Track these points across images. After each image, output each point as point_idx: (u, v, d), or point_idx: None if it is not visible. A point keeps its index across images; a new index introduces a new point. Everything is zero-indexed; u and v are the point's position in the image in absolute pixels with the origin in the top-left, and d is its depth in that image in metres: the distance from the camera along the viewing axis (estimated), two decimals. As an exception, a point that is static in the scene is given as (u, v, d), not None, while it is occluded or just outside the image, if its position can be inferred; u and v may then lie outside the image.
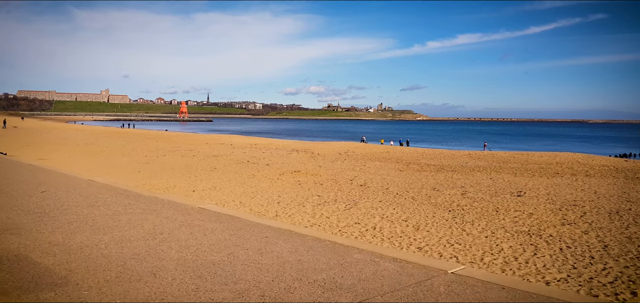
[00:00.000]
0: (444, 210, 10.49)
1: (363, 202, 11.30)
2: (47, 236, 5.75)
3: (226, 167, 18.83)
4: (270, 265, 5.02)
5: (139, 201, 8.29)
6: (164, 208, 7.65)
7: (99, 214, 7.06)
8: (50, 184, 9.67)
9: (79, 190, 9.06)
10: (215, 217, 7.06)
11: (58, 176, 11.13)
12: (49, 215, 6.84)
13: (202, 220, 6.86)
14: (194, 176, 15.75)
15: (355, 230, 8.55)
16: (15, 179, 10.37)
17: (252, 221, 7.06)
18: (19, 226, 6.20)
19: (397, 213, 10.06)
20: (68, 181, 10.31)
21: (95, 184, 9.95)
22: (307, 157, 24.05)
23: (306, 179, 15.26)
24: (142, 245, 5.58)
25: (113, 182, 10.92)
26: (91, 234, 5.91)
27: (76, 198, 8.21)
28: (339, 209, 10.46)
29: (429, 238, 8.02)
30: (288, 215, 9.83)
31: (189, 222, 6.77)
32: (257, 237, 6.13)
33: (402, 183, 14.55)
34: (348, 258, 5.36)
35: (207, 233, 6.16)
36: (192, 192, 12.61)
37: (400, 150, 30.21)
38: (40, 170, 12.23)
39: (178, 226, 6.47)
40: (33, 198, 8.10)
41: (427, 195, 12.34)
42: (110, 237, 5.83)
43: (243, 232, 6.32)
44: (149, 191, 10.17)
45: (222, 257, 5.28)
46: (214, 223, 6.67)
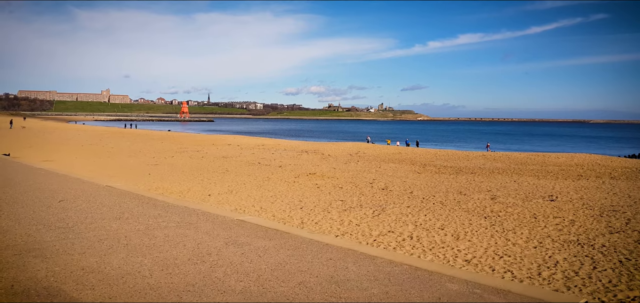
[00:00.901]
0: (478, 216, 9.89)
1: (390, 207, 10.70)
2: (77, 259, 4.96)
3: (238, 169, 18.23)
4: (357, 300, 4.24)
5: (169, 212, 7.53)
6: (199, 220, 6.89)
7: (130, 229, 6.30)
8: (67, 192, 9.02)
9: (100, 199, 8.39)
10: (261, 233, 6.26)
11: (73, 182, 10.45)
12: (74, 230, 6.12)
13: (248, 236, 6.08)
14: (206, 179, 15.14)
15: (391, 239, 7.94)
16: (27, 185, 9.72)
17: (304, 237, 6.22)
18: (43, 246, 5.47)
19: (430, 220, 9.46)
20: (85, 188, 9.63)
21: (116, 191, 9.25)
22: (318, 158, 23.45)
23: (324, 182, 14.66)
24: (192, 271, 4.71)
25: (134, 189, 10.23)
26: (128, 256, 5.11)
27: (99, 209, 7.51)
28: (367, 215, 9.86)
29: (473, 249, 7.42)
30: (314, 222, 9.23)
31: (234, 238, 5.97)
32: (319, 258, 5.27)
33: (424, 187, 13.94)
34: (441, 289, 4.55)
35: (260, 253, 5.34)
36: (208, 197, 12.02)
37: (412, 151, 29.60)
38: (52, 175, 11.56)
39: (224, 244, 5.68)
40: (52, 209, 7.42)
41: (456, 200, 11.73)
42: (151, 260, 5.00)
43: (300, 252, 5.46)
44: (174, 198, 9.46)
45: (292, 288, 4.46)
46: (263, 240, 5.89)
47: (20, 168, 12.88)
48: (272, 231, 6.33)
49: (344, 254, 5.36)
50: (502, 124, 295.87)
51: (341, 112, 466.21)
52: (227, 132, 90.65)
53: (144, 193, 9.55)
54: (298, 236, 6.10)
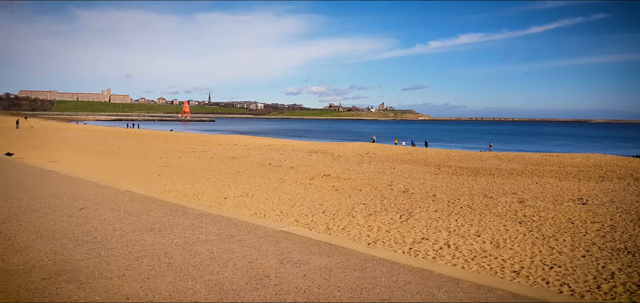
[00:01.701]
0: (512, 221, 9.40)
1: (417, 212, 10.21)
2: (118, 285, 4.14)
3: (249, 170, 17.75)
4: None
5: (204, 221, 6.74)
6: (240, 232, 6.16)
7: (167, 244, 5.53)
8: (86, 198, 8.37)
9: (123, 206, 7.73)
10: (314, 247, 5.41)
11: (89, 186, 9.77)
12: (105, 245, 5.38)
13: (301, 253, 5.24)
14: (219, 180, 14.66)
15: (427, 248, 7.46)
16: (41, 191, 9.07)
17: (364, 253, 5.31)
18: (74, 266, 4.61)
19: (462, 226, 8.97)
20: (104, 193, 8.99)
21: (138, 197, 8.54)
22: (328, 159, 22.96)
23: (341, 184, 14.17)
24: (257, 299, 3.95)
25: (156, 194, 9.63)
26: (176, 279, 4.32)
27: (126, 219, 6.82)
28: (394, 220, 9.38)
29: (519, 259, 6.92)
30: (340, 227, 8.75)
31: (286, 255, 5.13)
32: (397, 283, 4.35)
33: (446, 189, 13.46)
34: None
35: (325, 275, 4.54)
36: (224, 200, 11.55)
37: (422, 151, 29.10)
38: (65, 178, 10.92)
39: (278, 263, 4.85)
40: (73, 218, 6.73)
41: (483, 204, 11.24)
42: (204, 284, 4.22)
43: (370, 273, 4.59)
44: (204, 205, 8.76)
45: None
46: (320, 258, 5.06)
47: (29, 171, 12.31)
48: (325, 245, 5.53)
49: (421, 277, 4.40)
50: (503, 124, 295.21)
51: (342, 111, 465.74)
52: (229, 132, 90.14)
53: (168, 199, 8.80)
54: (356, 252, 5.24)
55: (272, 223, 7.27)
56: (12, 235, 5.77)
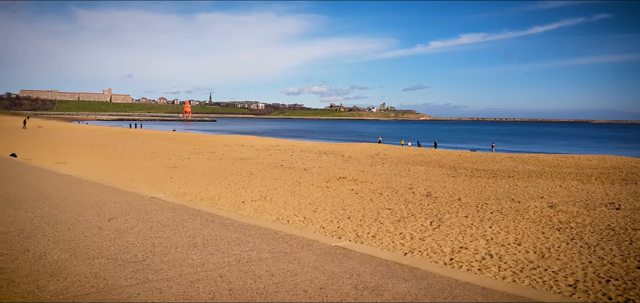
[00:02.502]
0: (549, 228, 8.94)
1: (447, 218, 9.75)
2: None
3: (261, 172, 17.29)
4: None
5: (248, 234, 6.09)
6: (293, 247, 5.52)
7: (218, 263, 4.86)
8: (111, 206, 7.82)
9: (154, 216, 7.11)
10: (384, 268, 4.65)
11: (111, 192, 9.17)
12: (150, 266, 4.75)
13: (372, 275, 4.54)
14: (233, 183, 14.21)
15: (469, 258, 7.00)
16: (61, 198, 8.53)
17: (439, 274, 4.69)
18: (123, 295, 3.96)
19: (499, 233, 8.51)
20: (128, 200, 8.39)
21: (167, 206, 7.97)
22: (340, 160, 22.50)
23: (360, 187, 13.71)
24: None
25: (186, 202, 8.96)
26: None
27: (162, 232, 6.14)
28: (425, 227, 8.93)
29: (570, 271, 6.46)
30: (370, 235, 8.30)
31: (357, 278, 4.44)
32: None
33: (470, 193, 13.00)
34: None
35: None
36: (242, 204, 11.10)
37: (433, 152, 28.63)
38: (83, 183, 10.29)
39: (354, 289, 4.18)
40: (105, 232, 6.13)
41: (513, 209, 10.78)
42: None
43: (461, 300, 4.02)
44: (239, 215, 8.16)
45: None
46: (398, 282, 4.39)
47: (44, 175, 11.77)
48: (395, 265, 4.84)
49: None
50: (505, 124, 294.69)
51: (343, 112, 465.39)
52: (231, 132, 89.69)
53: (199, 207, 8.19)
54: (433, 274, 4.69)
55: (322, 237, 6.49)
56: (42, 253, 5.16)
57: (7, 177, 11.19)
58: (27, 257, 5.00)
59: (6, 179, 10.89)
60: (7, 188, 9.65)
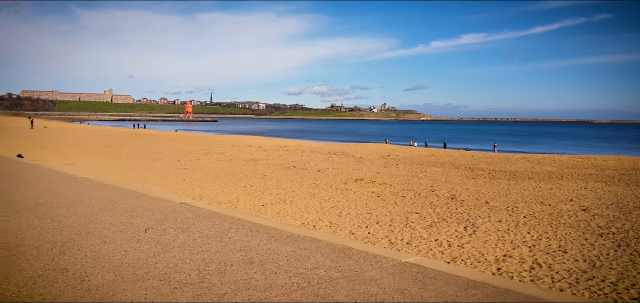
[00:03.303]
0: (591, 233, 8.49)
1: (480, 222, 9.31)
2: None
3: (275, 173, 16.86)
4: None
5: (304, 248, 5.58)
6: (360, 264, 4.88)
7: (289, 287, 4.30)
8: (141, 213, 7.36)
9: (194, 226, 6.54)
10: (477, 291, 4.26)
11: (136, 198, 8.68)
12: (211, 289, 4.18)
13: (467, 297, 4.09)
14: (249, 185, 13.77)
15: (517, 267, 6.56)
16: (86, 204, 7.91)
17: (519, 293, 4.25)
18: None
19: (539, 239, 8.07)
20: (158, 206, 7.90)
21: (202, 212, 7.42)
22: (352, 161, 22.07)
23: (381, 189, 13.28)
24: None
25: (221, 209, 8.49)
26: None
27: (208, 245, 5.61)
28: (460, 232, 8.49)
29: (630, 282, 6.02)
30: (405, 242, 7.86)
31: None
32: None
33: (496, 196, 12.55)
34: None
35: None
36: (261, 207, 10.68)
37: (444, 152, 28.18)
38: (104, 187, 9.58)
39: None
40: (145, 244, 5.55)
41: (546, 212, 10.33)
42: None
43: None
44: (281, 223, 7.62)
45: None
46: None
47: (59, 178, 11.20)
48: (484, 286, 4.29)
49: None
50: (507, 124, 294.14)
51: (344, 112, 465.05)
52: (234, 132, 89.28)
53: (239, 215, 7.60)
54: (532, 296, 4.20)
55: (386, 251, 5.96)
56: (83, 273, 4.54)
57: (21, 180, 10.75)
58: (67, 278, 4.41)
59: (22, 182, 10.43)
60: (24, 191, 9.20)
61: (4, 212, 7.26)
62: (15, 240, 5.66)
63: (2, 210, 7.33)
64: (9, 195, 8.67)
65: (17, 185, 9.95)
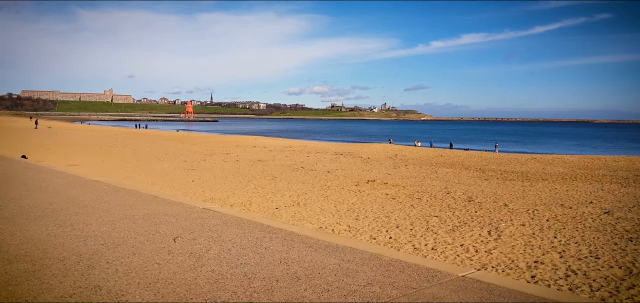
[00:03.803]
0: (618, 238, 8.21)
1: (503, 226, 9.04)
2: None
3: (284, 174, 16.58)
4: None
5: (349, 260, 5.20)
6: (416, 281, 4.50)
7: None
8: (163, 219, 6.96)
9: (224, 234, 6.11)
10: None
11: (157, 203, 8.28)
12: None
13: None
14: (260, 187, 13.50)
15: (550, 274, 6.29)
16: (105, 209, 7.50)
17: None
18: None
19: (568, 244, 7.79)
20: (181, 212, 7.53)
21: (228, 219, 7.01)
22: (360, 162, 21.79)
23: (395, 191, 13.00)
24: None
25: (249, 215, 8.08)
26: None
27: (246, 256, 5.23)
28: (484, 237, 8.22)
29: (673, 290, 5.74)
30: (429, 247, 7.59)
31: None
32: None
33: (514, 198, 12.28)
34: None
35: None
36: (275, 210, 10.41)
37: (452, 153, 27.88)
38: (120, 192, 9.13)
39: None
40: (177, 256, 5.11)
41: (569, 215, 10.06)
42: None
43: None
44: (325, 234, 7.22)
45: None
46: None
47: (71, 181, 10.80)
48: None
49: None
50: (507, 124, 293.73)
51: (344, 112, 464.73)
52: (235, 132, 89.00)
53: (263, 220, 7.25)
54: None
55: (439, 264, 5.59)
56: (118, 292, 4.11)
57: (32, 184, 10.40)
58: (102, 297, 3.98)
59: (33, 186, 10.09)
60: (38, 196, 8.87)
61: (21, 219, 6.91)
62: (38, 252, 5.29)
63: (19, 218, 7.00)
64: (23, 201, 8.32)
65: (29, 189, 9.63)
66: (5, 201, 8.26)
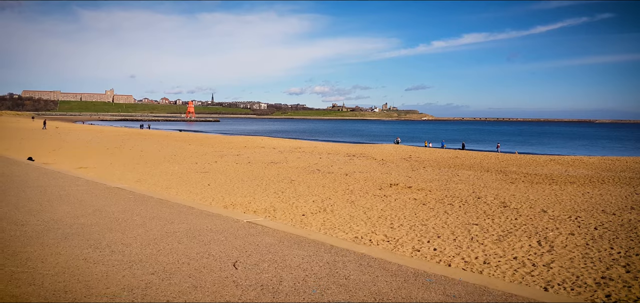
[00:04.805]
0: (681, 249, 7.62)
1: (551, 235, 8.43)
2: None
3: (301, 177, 15.99)
4: None
5: (453, 295, 4.42)
6: None
7: None
8: (211, 238, 6.13)
9: (286, 257, 5.43)
10: None
11: (194, 215, 7.47)
12: None
13: None
14: (280, 191, 12.90)
15: (625, 292, 5.69)
16: (139, 224, 6.73)
17: None
18: None
19: (629, 257, 7.19)
20: (225, 227, 6.71)
21: (283, 236, 6.28)
22: (375, 164, 21.19)
23: (423, 196, 12.40)
24: None
25: (285, 227, 7.40)
26: None
27: (329, 289, 4.48)
28: (534, 248, 7.62)
29: None
30: (480, 261, 7.00)
31: None
32: None
33: (550, 203, 11.68)
34: None
35: None
36: (302, 217, 9.82)
37: (467, 154, 27.22)
38: (147, 200, 8.59)
39: None
40: (249, 290, 4.36)
41: (616, 223, 9.45)
42: None
43: None
44: (395, 255, 6.60)
45: None
46: None
47: (92, 188, 9.98)
48: None
49: None
50: (509, 124, 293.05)
51: (345, 112, 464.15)
52: (240, 132, 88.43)
53: (328, 240, 6.39)
54: None
55: (516, 288, 5.04)
56: None
57: (51, 192, 9.56)
58: None
59: (52, 195, 9.19)
60: (61, 207, 8.01)
61: (48, 239, 6.06)
62: (79, 286, 4.36)
63: (46, 236, 6.16)
64: (45, 215, 7.46)
65: (50, 199, 8.83)
66: (25, 214, 7.50)
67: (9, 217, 7.28)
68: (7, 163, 15.46)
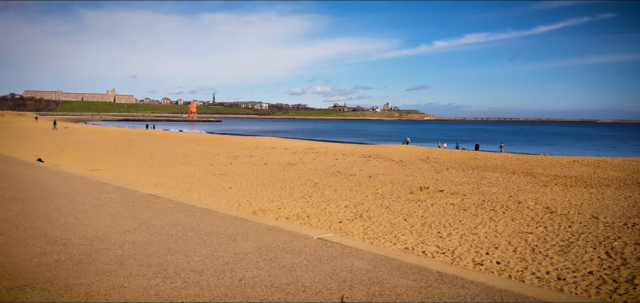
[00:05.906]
0: None
1: (617, 245, 7.77)
2: None
3: (324, 180, 15.32)
4: None
5: None
6: None
7: None
8: (294, 262, 5.15)
9: (395, 286, 4.52)
10: None
11: (262, 232, 6.47)
12: None
13: None
14: (306, 195, 12.25)
15: None
16: (195, 242, 5.84)
17: None
18: None
19: None
20: (303, 248, 5.74)
21: (372, 259, 5.43)
22: (395, 165, 20.52)
23: (459, 201, 11.74)
24: None
25: (362, 245, 6.49)
26: None
27: None
28: (605, 261, 6.97)
29: None
30: (555, 277, 6.35)
31: None
32: None
33: (595, 208, 11.02)
34: None
35: None
36: (339, 224, 9.19)
37: (487, 155, 26.51)
38: (194, 211, 7.78)
39: None
40: None
41: (680, 232, 8.78)
42: None
43: None
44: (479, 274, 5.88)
45: None
46: None
47: (126, 196, 9.09)
48: None
49: None
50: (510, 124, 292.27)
51: (347, 112, 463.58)
52: (244, 132, 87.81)
53: (420, 261, 5.60)
54: None
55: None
56: None
57: (82, 201, 8.70)
58: None
59: (86, 205, 8.20)
60: (100, 220, 7.05)
61: (102, 264, 5.00)
62: None
63: (98, 261, 5.11)
64: (87, 230, 6.49)
65: (85, 210, 7.87)
66: (63, 230, 6.47)
67: (45, 233, 6.30)
68: (19, 165, 14.82)
